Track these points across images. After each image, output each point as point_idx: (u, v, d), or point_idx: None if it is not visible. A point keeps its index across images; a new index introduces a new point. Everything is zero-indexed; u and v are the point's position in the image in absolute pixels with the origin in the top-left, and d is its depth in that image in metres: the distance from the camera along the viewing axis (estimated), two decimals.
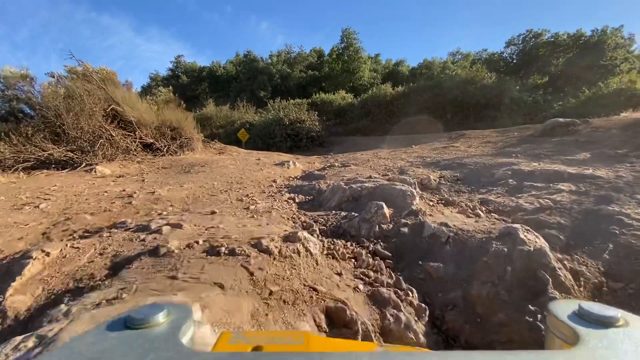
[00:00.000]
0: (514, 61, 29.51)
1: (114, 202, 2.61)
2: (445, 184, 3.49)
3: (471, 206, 2.58)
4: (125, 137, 5.95)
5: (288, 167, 5.56)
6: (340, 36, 34.94)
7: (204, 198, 2.89)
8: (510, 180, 3.14)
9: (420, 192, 3.15)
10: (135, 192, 2.97)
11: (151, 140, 6.58)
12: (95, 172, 4.51)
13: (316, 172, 4.63)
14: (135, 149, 6.01)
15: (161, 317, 0.42)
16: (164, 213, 2.28)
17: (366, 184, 2.67)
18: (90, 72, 6.34)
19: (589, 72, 25.25)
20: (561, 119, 7.91)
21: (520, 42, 29.57)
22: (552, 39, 27.46)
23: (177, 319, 0.43)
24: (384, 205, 2.07)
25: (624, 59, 24.93)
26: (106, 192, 3.09)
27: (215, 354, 0.38)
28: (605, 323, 0.39)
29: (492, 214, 2.41)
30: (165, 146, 6.75)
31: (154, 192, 2.95)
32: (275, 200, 2.84)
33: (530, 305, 1.47)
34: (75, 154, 5.04)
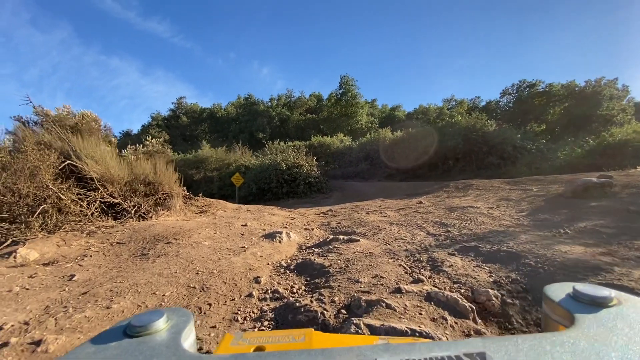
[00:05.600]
0: (510, 110, 29.92)
1: None
2: (512, 304, 2.32)
3: None
4: (80, 199, 4.83)
5: (280, 242, 4.39)
6: (339, 82, 36.03)
7: None
8: None
9: (485, 331, 1.97)
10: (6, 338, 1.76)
11: (117, 200, 5.46)
12: (15, 256, 3.31)
13: (316, 259, 3.45)
14: (92, 214, 4.86)
15: (161, 323, 0.40)
16: None
17: None
18: (50, 120, 5.39)
19: (586, 121, 25.39)
20: (595, 179, 6.99)
21: (514, 91, 30.27)
22: (546, 89, 28.06)
23: (177, 323, 0.41)
24: None
25: (621, 110, 25.22)
26: None
27: (218, 356, 0.36)
28: (599, 303, 0.39)
29: None
30: (134, 207, 5.61)
31: (39, 342, 1.73)
32: None
33: None
34: (3, 226, 3.87)
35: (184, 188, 7.32)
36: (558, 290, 0.43)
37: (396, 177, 21.41)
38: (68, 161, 4.86)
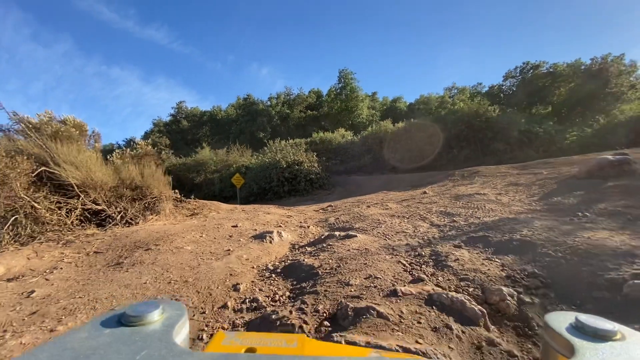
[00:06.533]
0: (514, 93, 29.02)
1: None
2: (530, 303, 1.95)
3: None
4: (59, 207, 4.54)
5: (271, 242, 4.05)
6: (338, 77, 35.41)
7: None
8: None
9: (500, 340, 1.60)
10: None
11: (101, 207, 5.17)
12: None
13: (306, 259, 3.10)
14: (72, 222, 4.58)
15: (156, 315, 0.40)
16: None
17: None
18: (27, 126, 5.11)
19: (593, 100, 24.49)
20: (610, 157, 6.51)
21: (518, 74, 29.36)
22: (551, 70, 27.13)
23: (171, 317, 0.41)
24: None
25: (631, 86, 24.24)
26: None
27: (209, 354, 0.35)
28: (601, 336, 0.38)
29: None
30: (120, 212, 5.32)
31: None
32: None
33: None
34: None
35: (176, 191, 7.03)
36: (560, 319, 0.42)
37: (400, 169, 20.90)
38: (43, 167, 4.58)
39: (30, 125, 5.46)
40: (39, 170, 4.54)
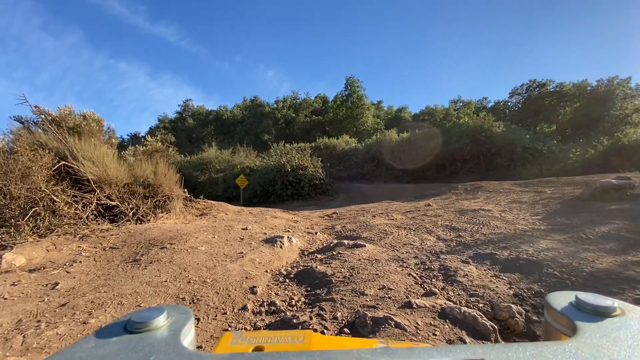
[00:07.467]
0: (520, 110, 29.25)
1: None
2: (538, 322, 2.05)
3: None
4: (75, 201, 4.66)
5: (281, 247, 4.16)
6: (345, 84, 35.77)
7: None
8: None
9: None
10: None
11: (115, 202, 5.29)
12: (0, 262, 3.13)
13: (318, 266, 3.21)
14: (87, 217, 4.69)
15: (161, 320, 0.41)
16: None
17: None
18: (48, 119, 5.25)
19: (598, 121, 24.68)
20: (614, 181, 6.62)
21: (524, 91, 29.61)
22: (557, 89, 27.37)
23: (178, 321, 0.42)
24: None
25: (635, 110, 24.43)
26: None
27: (217, 355, 0.36)
28: (602, 313, 0.38)
29: None
30: (132, 209, 5.44)
31: None
32: None
33: None
34: None
35: (185, 190, 7.15)
36: (561, 299, 0.42)
37: (402, 179, 21.02)
38: (63, 162, 4.71)
39: (50, 119, 5.60)
40: (59, 164, 4.67)
